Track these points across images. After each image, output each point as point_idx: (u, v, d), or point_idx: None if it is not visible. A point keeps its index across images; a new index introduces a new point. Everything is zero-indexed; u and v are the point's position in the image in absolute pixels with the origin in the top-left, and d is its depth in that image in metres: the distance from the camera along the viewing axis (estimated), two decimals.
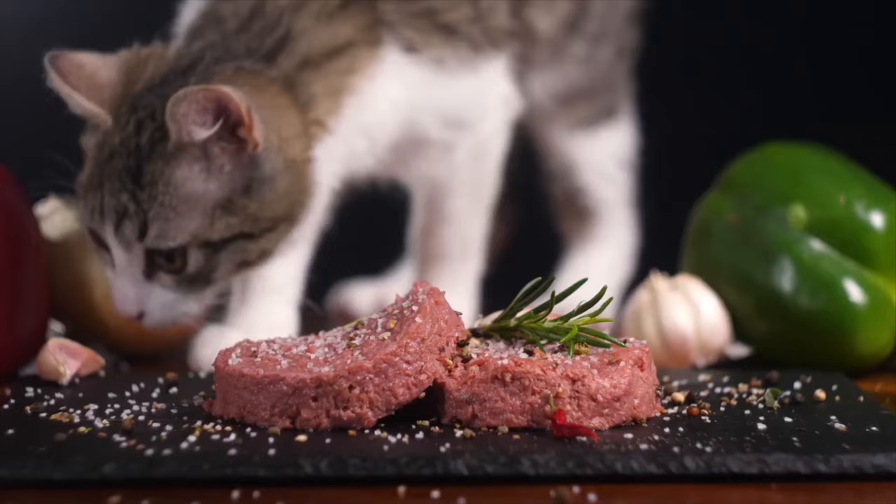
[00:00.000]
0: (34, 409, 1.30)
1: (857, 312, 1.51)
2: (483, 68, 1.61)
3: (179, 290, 1.46)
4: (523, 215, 1.98)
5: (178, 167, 1.41)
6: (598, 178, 1.86)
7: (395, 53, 1.54)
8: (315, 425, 1.23)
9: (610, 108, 1.85)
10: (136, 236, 1.42)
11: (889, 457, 1.15)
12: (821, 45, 2.30)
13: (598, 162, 1.85)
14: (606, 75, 1.84)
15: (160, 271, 1.45)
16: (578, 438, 1.20)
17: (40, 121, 2.31)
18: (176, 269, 1.45)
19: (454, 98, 1.60)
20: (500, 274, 1.77)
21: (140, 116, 1.42)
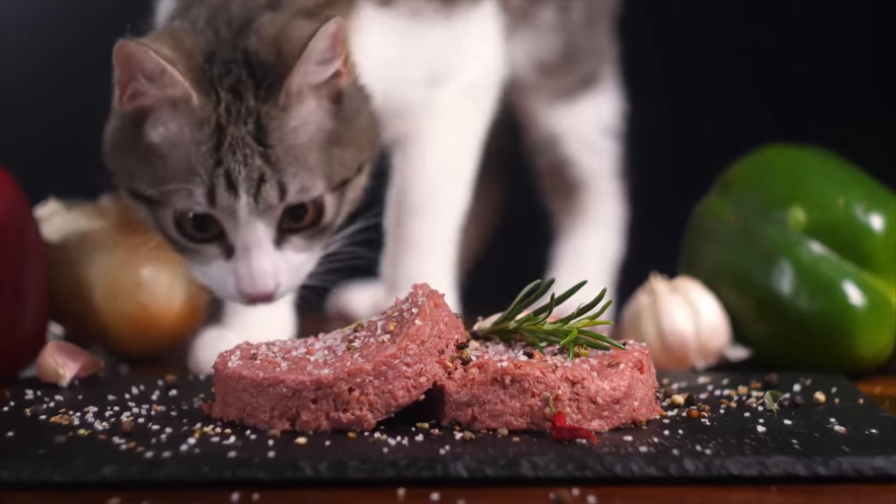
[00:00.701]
0: (34, 411, 1.30)
1: (857, 315, 1.51)
2: (459, 18, 1.60)
3: (307, 248, 1.43)
4: (510, 195, 1.98)
5: (297, 113, 1.39)
6: (582, 149, 1.85)
7: (370, 10, 1.53)
8: (315, 427, 1.23)
9: (590, 76, 1.84)
10: (277, 197, 1.39)
11: (888, 459, 1.15)
12: (821, 47, 2.30)
13: (581, 132, 1.85)
14: (582, 42, 1.83)
15: (289, 234, 1.41)
16: (578, 441, 1.20)
17: (39, 122, 2.31)
18: (308, 223, 1.42)
19: (433, 50, 1.58)
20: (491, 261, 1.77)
21: (231, 81, 1.39)
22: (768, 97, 2.31)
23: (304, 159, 1.39)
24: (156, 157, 1.39)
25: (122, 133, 1.42)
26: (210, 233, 1.41)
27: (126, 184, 1.43)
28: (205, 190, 1.38)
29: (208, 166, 1.38)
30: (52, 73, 2.30)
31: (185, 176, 1.38)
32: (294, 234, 1.42)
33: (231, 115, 1.38)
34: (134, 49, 1.35)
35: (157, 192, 1.40)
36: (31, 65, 2.31)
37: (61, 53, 2.28)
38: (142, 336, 1.60)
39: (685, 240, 1.66)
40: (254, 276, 1.40)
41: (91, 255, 1.59)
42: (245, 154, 1.38)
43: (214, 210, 1.39)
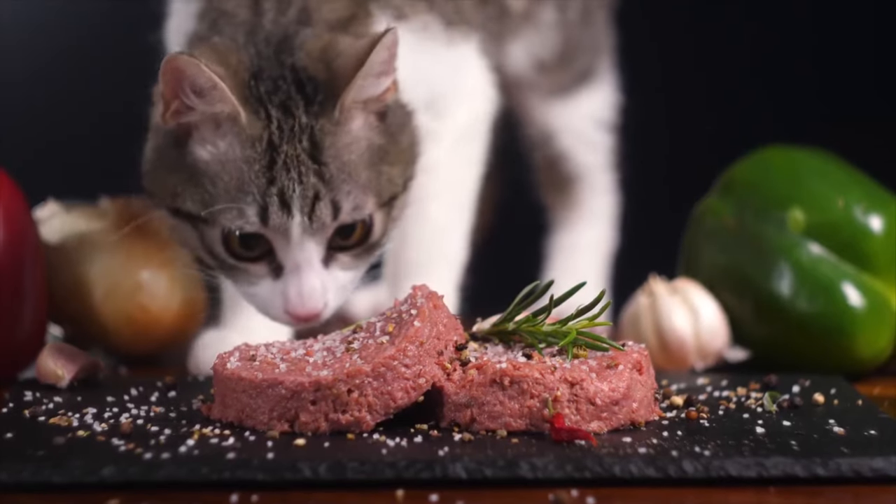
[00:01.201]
0: (33, 412, 1.30)
1: (856, 316, 1.52)
2: (458, 45, 1.59)
3: (354, 266, 1.40)
4: (505, 191, 1.97)
5: (349, 128, 1.37)
6: (577, 143, 1.85)
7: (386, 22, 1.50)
8: (314, 429, 1.23)
9: (585, 71, 1.84)
10: (331, 216, 1.36)
11: (887, 460, 1.15)
12: (822, 47, 2.30)
13: (576, 126, 1.85)
14: (579, 39, 1.82)
15: (338, 253, 1.39)
16: (577, 442, 1.20)
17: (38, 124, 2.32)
18: (356, 241, 1.39)
19: (436, 72, 1.58)
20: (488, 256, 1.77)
21: (280, 98, 1.36)
22: (768, 98, 2.31)
23: (357, 176, 1.37)
24: (204, 175, 1.36)
25: (165, 151, 1.39)
26: (258, 251, 1.38)
27: (170, 203, 1.40)
28: (257, 209, 1.35)
29: (261, 185, 1.35)
30: (52, 75, 2.30)
31: (236, 195, 1.35)
32: (342, 252, 1.39)
33: (283, 132, 1.36)
34: (185, 63, 1.32)
35: (205, 211, 1.36)
36: (31, 66, 2.31)
37: (60, 55, 2.28)
38: (141, 337, 1.60)
39: (684, 241, 1.66)
40: (304, 296, 1.37)
41: (90, 257, 1.59)
42: (300, 171, 1.35)
43: (266, 229, 1.36)
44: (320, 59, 1.39)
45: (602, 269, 1.88)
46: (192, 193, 1.37)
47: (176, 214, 1.40)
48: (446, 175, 1.60)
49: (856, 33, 2.30)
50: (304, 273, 1.37)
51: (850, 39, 2.30)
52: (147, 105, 1.44)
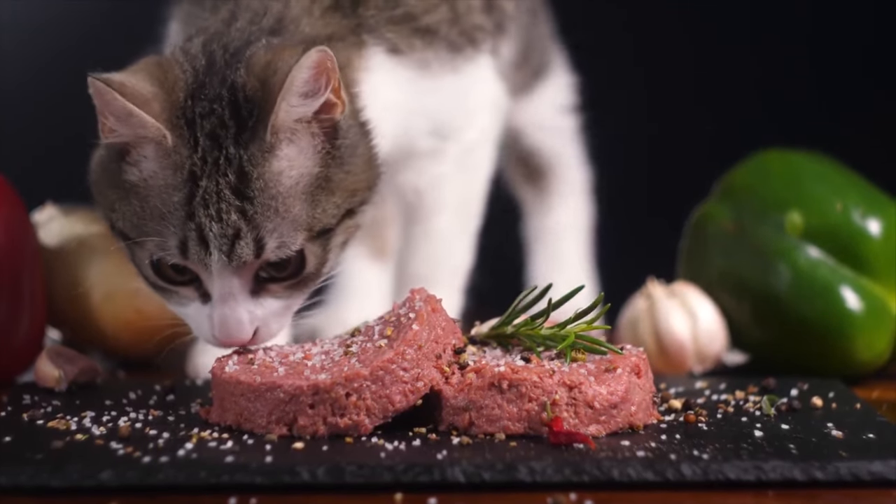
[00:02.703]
0: (31, 416, 1.30)
1: (854, 319, 1.52)
2: (465, 69, 1.56)
3: (288, 296, 1.34)
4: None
5: (285, 153, 1.30)
6: (543, 135, 1.84)
7: (380, 55, 1.48)
8: (312, 432, 1.23)
9: (539, 68, 1.82)
10: (253, 255, 1.30)
11: (886, 464, 1.15)
12: (820, 51, 2.30)
13: (540, 120, 1.83)
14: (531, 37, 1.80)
15: (269, 283, 1.33)
16: (575, 445, 1.20)
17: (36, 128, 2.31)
18: (290, 273, 1.33)
19: (440, 102, 1.54)
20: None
21: (211, 125, 1.30)
22: (767, 101, 2.31)
23: (286, 210, 1.30)
24: (134, 196, 1.32)
25: (107, 165, 1.35)
26: (187, 276, 1.33)
27: (108, 216, 1.36)
28: (177, 242, 1.30)
29: (180, 218, 1.29)
30: (50, 78, 2.29)
31: (158, 224, 1.30)
32: (274, 283, 1.33)
33: (207, 164, 1.29)
34: (100, 89, 1.28)
35: (134, 233, 1.32)
36: (29, 69, 2.31)
37: (59, 58, 2.28)
38: (139, 341, 1.60)
39: (683, 244, 1.66)
40: (229, 327, 1.32)
41: (88, 260, 1.59)
42: (219, 209, 1.28)
43: (187, 262, 1.31)
44: (259, 76, 1.32)
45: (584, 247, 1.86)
46: (125, 212, 1.32)
47: (113, 230, 1.36)
48: (452, 187, 1.59)
49: (854, 35, 2.30)
50: (229, 304, 1.31)
51: (848, 42, 2.30)
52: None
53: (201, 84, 1.32)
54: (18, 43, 2.30)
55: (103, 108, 1.30)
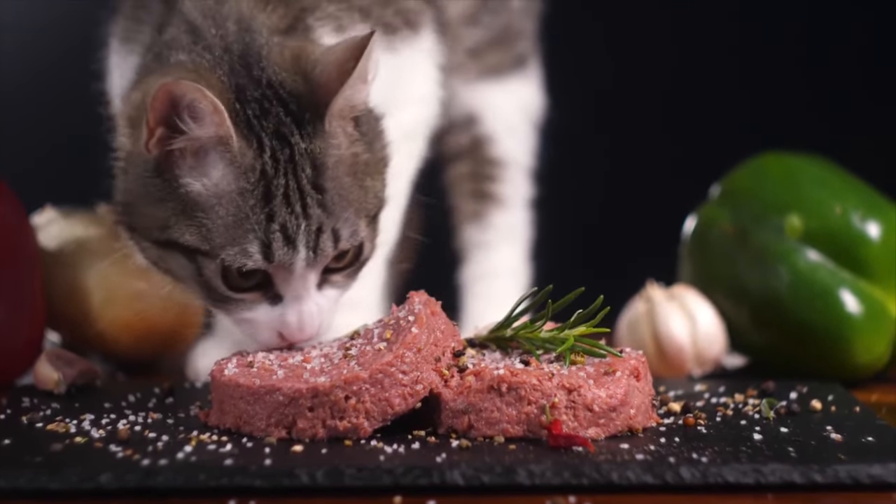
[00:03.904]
0: (30, 419, 1.30)
1: (853, 322, 1.52)
2: (400, 49, 1.54)
3: (345, 284, 1.36)
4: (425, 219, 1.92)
5: (337, 146, 1.31)
6: (504, 128, 1.80)
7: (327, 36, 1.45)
8: (311, 435, 1.23)
9: (521, 56, 1.80)
10: (333, 247, 1.31)
11: (885, 467, 1.15)
12: (819, 54, 2.30)
13: (505, 112, 1.80)
14: (519, 25, 1.79)
15: (331, 275, 1.34)
16: (574, 448, 1.20)
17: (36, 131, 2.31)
18: (348, 262, 1.34)
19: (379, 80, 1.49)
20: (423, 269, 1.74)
21: (273, 124, 1.30)
22: (766, 104, 2.31)
23: (351, 198, 1.32)
24: (197, 207, 1.29)
25: (148, 181, 1.31)
26: (255, 281, 1.32)
27: (158, 235, 1.32)
28: (259, 246, 1.29)
29: (261, 221, 1.29)
30: (49, 81, 2.30)
31: (235, 232, 1.29)
32: (335, 274, 1.34)
33: (279, 162, 1.29)
34: (186, 88, 1.25)
35: (206, 245, 1.30)
36: (28, 72, 2.31)
37: (58, 60, 2.28)
38: (139, 343, 1.60)
39: (682, 248, 1.66)
40: (303, 323, 1.33)
41: (88, 263, 1.59)
42: (304, 204, 1.29)
43: (269, 266, 1.30)
44: (296, 71, 1.32)
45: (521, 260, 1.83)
46: (187, 225, 1.30)
47: (166, 246, 1.32)
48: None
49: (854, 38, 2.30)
50: (303, 301, 1.32)
51: (848, 44, 2.30)
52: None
53: (240, 87, 1.32)
54: (18, 46, 2.30)
55: (178, 110, 1.27)
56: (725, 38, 2.32)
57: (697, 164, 1.88)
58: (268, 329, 1.34)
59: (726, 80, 2.31)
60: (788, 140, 1.72)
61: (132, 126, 1.34)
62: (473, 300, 1.77)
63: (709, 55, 2.30)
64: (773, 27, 2.31)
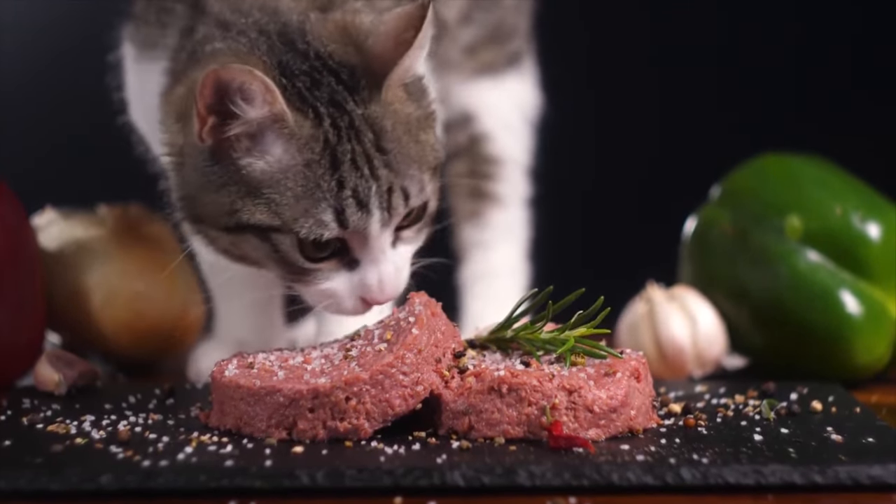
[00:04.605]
0: (31, 420, 1.30)
1: (854, 323, 1.52)
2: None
3: (416, 239, 1.36)
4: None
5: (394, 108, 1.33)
6: (501, 126, 1.80)
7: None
8: (312, 436, 1.23)
9: (516, 53, 1.80)
10: (403, 205, 1.32)
11: (885, 468, 1.15)
12: (820, 54, 2.30)
13: (502, 110, 1.80)
14: (514, 22, 1.79)
15: (402, 231, 1.35)
16: (575, 449, 1.20)
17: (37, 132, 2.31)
18: (416, 217, 1.35)
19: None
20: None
21: (326, 93, 1.31)
22: (766, 105, 2.31)
23: (412, 155, 1.33)
24: (263, 185, 1.30)
25: (206, 171, 1.31)
26: (331, 250, 1.33)
27: (227, 221, 1.32)
28: (333, 214, 1.29)
29: (330, 189, 1.29)
30: (50, 82, 2.30)
31: (307, 203, 1.29)
32: (405, 230, 1.35)
33: (339, 129, 1.30)
34: (233, 72, 1.26)
35: (278, 221, 1.30)
36: (29, 73, 2.31)
37: (58, 62, 2.28)
38: (139, 345, 1.60)
39: (682, 248, 1.66)
40: (384, 284, 1.33)
41: (88, 264, 1.59)
42: (372, 167, 1.30)
43: (345, 231, 1.31)
44: (346, 43, 1.33)
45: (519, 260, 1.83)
46: (256, 205, 1.30)
47: (237, 230, 1.32)
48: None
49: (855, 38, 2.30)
50: (381, 262, 1.33)
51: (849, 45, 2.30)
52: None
53: (284, 63, 1.32)
54: (19, 46, 2.30)
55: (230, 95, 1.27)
56: (726, 39, 2.32)
57: (698, 164, 1.88)
58: (350, 296, 1.34)
59: (727, 80, 2.32)
60: (789, 141, 1.72)
61: (180, 120, 1.34)
62: (472, 300, 1.77)
63: (709, 55, 2.30)
64: (774, 27, 2.31)
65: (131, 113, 1.49)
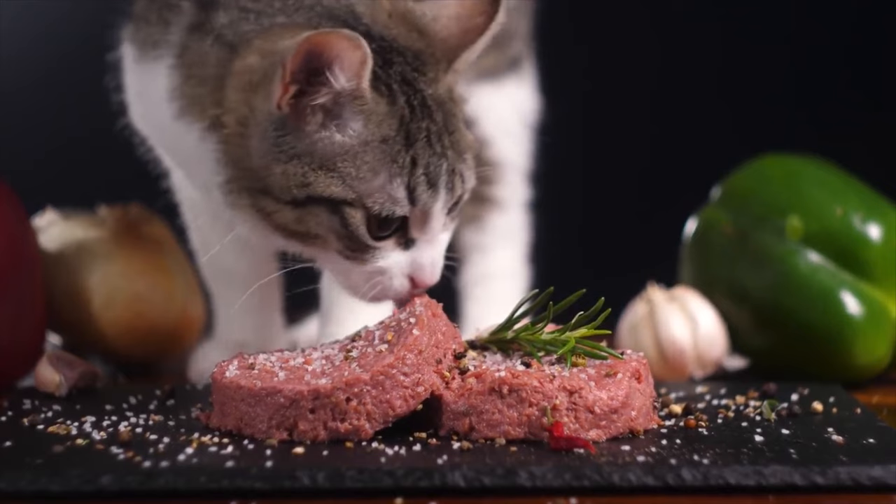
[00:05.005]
0: (31, 420, 1.30)
1: (854, 324, 1.52)
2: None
3: (452, 226, 1.37)
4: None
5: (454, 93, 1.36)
6: (500, 130, 1.79)
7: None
8: (312, 437, 1.23)
9: (515, 58, 1.80)
10: (462, 188, 1.34)
11: (886, 469, 1.15)
12: (821, 56, 2.31)
13: (502, 114, 1.79)
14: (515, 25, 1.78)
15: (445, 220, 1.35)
16: (575, 450, 1.20)
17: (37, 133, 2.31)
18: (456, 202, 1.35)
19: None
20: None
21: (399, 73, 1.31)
22: (766, 106, 2.31)
23: (464, 140, 1.35)
24: (337, 157, 1.29)
25: (276, 142, 1.30)
26: (395, 226, 1.32)
27: (297, 193, 1.30)
28: (406, 192, 1.30)
29: (406, 166, 1.30)
30: (50, 83, 2.30)
31: (381, 179, 1.30)
32: (450, 216, 1.36)
33: (414, 108, 1.31)
34: (334, 39, 1.24)
35: (352, 193, 1.30)
36: (29, 75, 2.31)
37: (59, 63, 2.28)
38: (140, 345, 1.60)
39: (683, 249, 1.66)
40: (434, 265, 1.34)
41: (89, 265, 1.59)
42: (443, 145, 1.32)
43: (414, 210, 1.31)
44: (409, 28, 1.34)
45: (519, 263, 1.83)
46: (330, 178, 1.29)
47: (306, 203, 1.31)
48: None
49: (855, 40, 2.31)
50: (436, 243, 1.34)
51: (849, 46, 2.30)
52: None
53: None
54: (19, 48, 2.30)
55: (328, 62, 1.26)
56: (726, 39, 2.32)
57: (698, 165, 1.88)
58: (400, 276, 1.34)
59: (727, 80, 2.32)
60: (789, 141, 1.72)
61: (247, 90, 1.32)
62: (472, 302, 1.77)
63: (710, 56, 2.31)
64: (774, 28, 2.31)
65: (131, 115, 1.48)
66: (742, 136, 2.17)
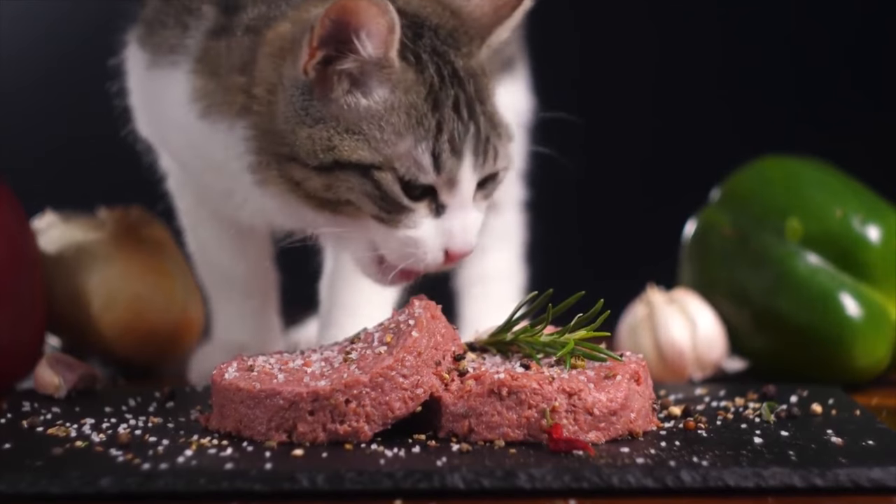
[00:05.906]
0: (31, 423, 1.30)
1: (854, 326, 1.52)
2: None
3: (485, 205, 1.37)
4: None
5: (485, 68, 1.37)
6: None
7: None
8: (311, 439, 1.23)
9: (509, 59, 1.78)
10: (493, 160, 1.34)
11: (885, 470, 1.15)
12: (821, 57, 2.31)
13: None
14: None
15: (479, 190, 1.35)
16: (575, 452, 1.20)
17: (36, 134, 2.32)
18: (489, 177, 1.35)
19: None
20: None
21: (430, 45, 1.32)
22: (766, 107, 2.31)
23: (498, 118, 1.36)
24: (363, 121, 1.30)
25: (305, 105, 1.31)
26: (422, 191, 1.32)
27: (323, 158, 1.30)
28: (431, 158, 1.30)
29: (431, 131, 1.30)
30: (50, 85, 2.30)
31: (407, 142, 1.30)
32: (480, 190, 1.35)
33: (444, 78, 1.32)
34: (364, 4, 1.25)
35: (378, 157, 1.30)
36: (29, 76, 2.31)
37: (59, 64, 2.28)
38: (139, 348, 1.60)
39: (682, 251, 1.66)
40: (467, 233, 1.34)
41: (88, 267, 1.59)
42: (472, 112, 1.32)
43: (439, 176, 1.31)
44: (443, 7, 1.36)
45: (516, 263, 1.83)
46: (357, 141, 1.30)
47: (333, 168, 1.31)
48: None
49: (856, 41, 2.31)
50: (468, 210, 1.34)
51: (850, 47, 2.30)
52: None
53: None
54: (19, 48, 2.31)
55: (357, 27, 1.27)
56: (726, 39, 2.32)
57: (698, 167, 1.88)
58: (433, 247, 1.33)
59: (727, 81, 2.32)
60: (788, 143, 1.72)
61: (277, 57, 1.32)
62: (469, 303, 1.77)
63: (709, 56, 2.31)
64: (774, 29, 2.31)
65: (137, 120, 1.48)
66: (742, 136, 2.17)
